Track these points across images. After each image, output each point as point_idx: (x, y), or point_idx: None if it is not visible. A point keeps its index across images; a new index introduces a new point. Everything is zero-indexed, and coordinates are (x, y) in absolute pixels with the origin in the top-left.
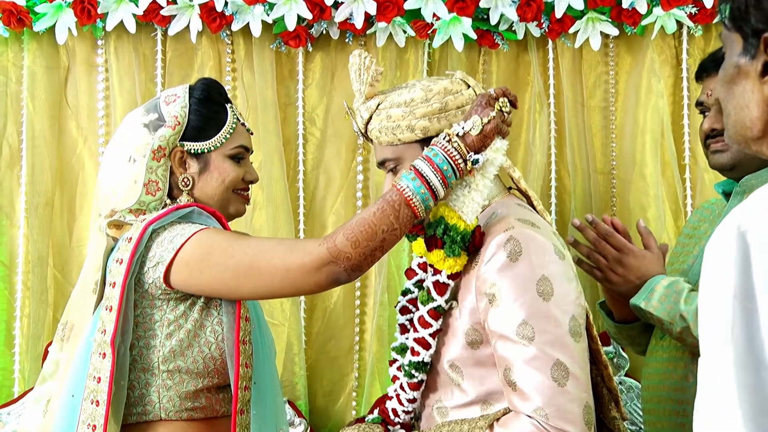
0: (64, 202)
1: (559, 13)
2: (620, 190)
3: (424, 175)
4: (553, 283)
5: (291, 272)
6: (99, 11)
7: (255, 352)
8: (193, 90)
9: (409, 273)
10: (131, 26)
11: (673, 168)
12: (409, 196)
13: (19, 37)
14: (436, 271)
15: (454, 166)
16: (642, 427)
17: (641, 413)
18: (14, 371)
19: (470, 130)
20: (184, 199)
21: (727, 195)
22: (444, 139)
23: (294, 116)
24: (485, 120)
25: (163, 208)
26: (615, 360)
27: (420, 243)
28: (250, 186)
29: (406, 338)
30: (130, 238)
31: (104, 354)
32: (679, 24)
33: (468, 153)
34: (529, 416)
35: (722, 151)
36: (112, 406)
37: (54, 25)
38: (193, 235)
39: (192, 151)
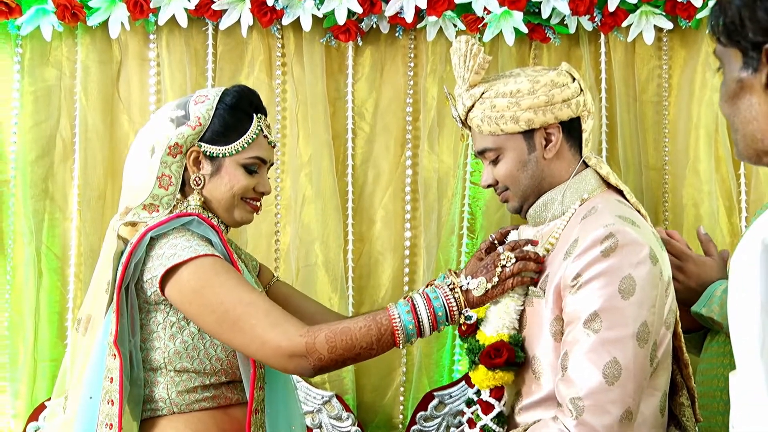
0: (116, 196)
1: (612, 7)
2: (673, 186)
3: (419, 313)
4: (637, 284)
5: (265, 347)
6: (151, 6)
7: None
8: (225, 95)
9: (471, 383)
10: (183, 21)
11: (727, 163)
12: (397, 326)
13: (72, 32)
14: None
15: (449, 314)
16: None
17: None
18: (67, 363)
19: (474, 289)
20: (194, 197)
21: None
22: (448, 286)
23: (343, 110)
24: (489, 285)
25: (175, 204)
26: None
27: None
28: (261, 196)
29: None
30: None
31: (114, 355)
32: None
33: (465, 307)
34: (555, 419)
35: None
36: (128, 405)
37: (107, 19)
38: (190, 259)
39: (208, 153)
